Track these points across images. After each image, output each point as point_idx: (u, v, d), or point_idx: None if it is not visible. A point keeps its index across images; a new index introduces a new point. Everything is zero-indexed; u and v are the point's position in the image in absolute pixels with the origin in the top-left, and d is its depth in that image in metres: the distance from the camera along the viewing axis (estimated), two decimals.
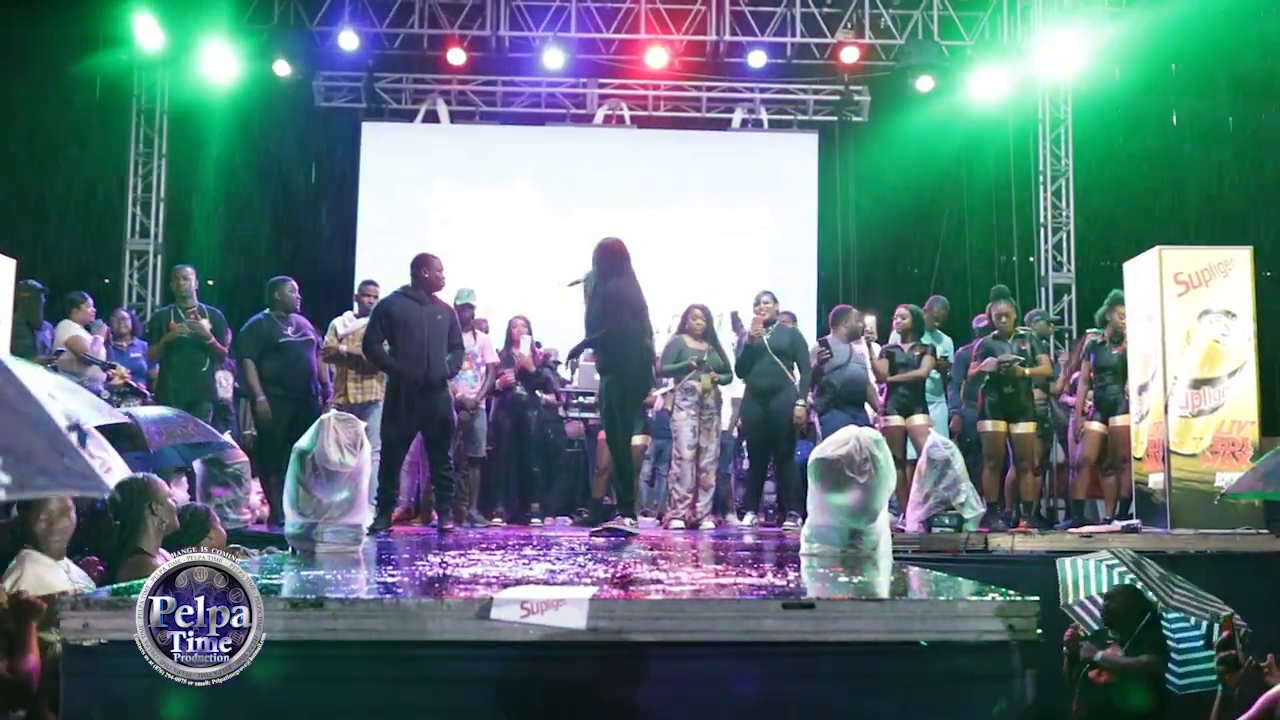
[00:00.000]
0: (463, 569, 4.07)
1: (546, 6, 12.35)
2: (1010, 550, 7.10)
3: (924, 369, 8.62)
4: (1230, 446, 7.73)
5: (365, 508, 5.43)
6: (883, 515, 4.75)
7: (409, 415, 7.32)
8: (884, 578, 3.95)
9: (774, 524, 8.44)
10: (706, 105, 13.74)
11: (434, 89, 13.55)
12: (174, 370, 8.48)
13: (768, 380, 8.43)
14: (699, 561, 4.88)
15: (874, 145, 13.36)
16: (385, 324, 7.38)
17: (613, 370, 7.32)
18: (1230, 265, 7.88)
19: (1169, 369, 7.80)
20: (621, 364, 7.27)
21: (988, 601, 2.91)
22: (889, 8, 12.49)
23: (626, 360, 7.27)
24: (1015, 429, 8.22)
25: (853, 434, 4.75)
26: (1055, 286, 12.73)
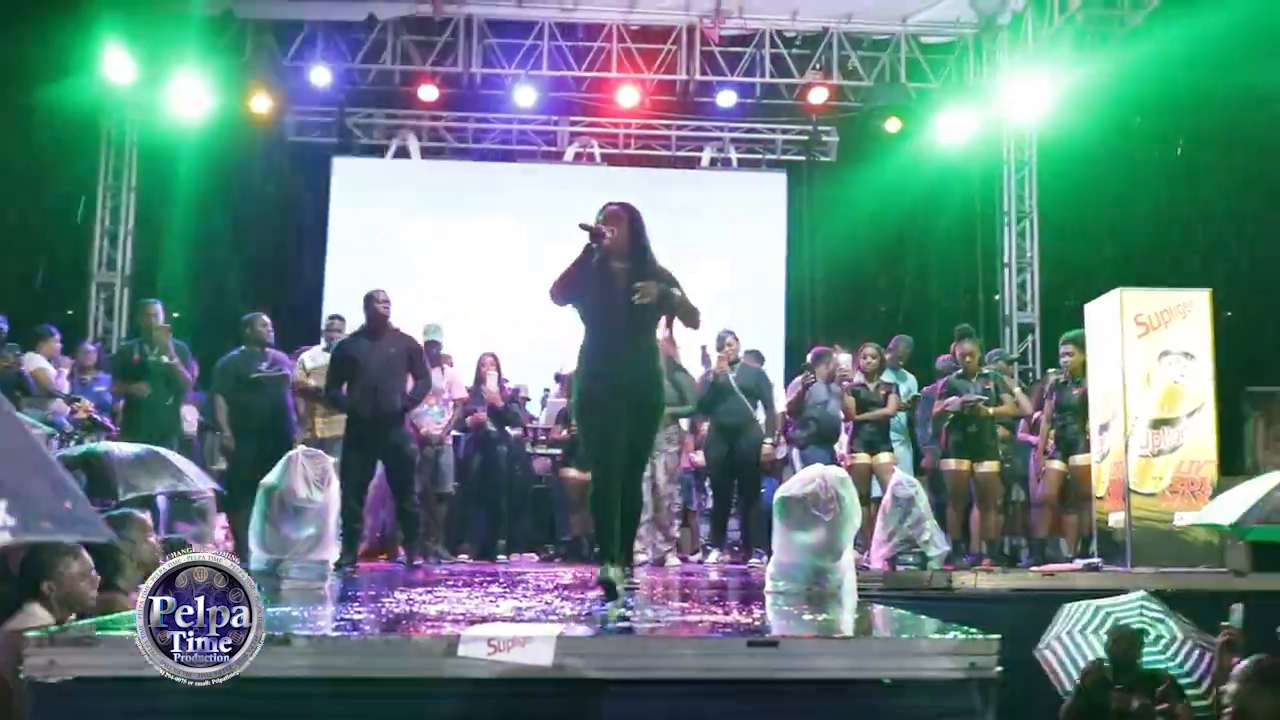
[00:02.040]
0: (429, 606, 4.08)
1: (518, 44, 12.44)
2: (974, 588, 7.15)
3: (890, 407, 8.72)
4: (1190, 486, 7.84)
5: (332, 544, 5.43)
6: (847, 553, 4.79)
7: (364, 449, 7.39)
8: (848, 616, 3.99)
9: (740, 561, 8.47)
10: (676, 144, 13.86)
11: (406, 124, 13.60)
12: (139, 404, 8.44)
13: (733, 419, 8.50)
14: (665, 599, 4.90)
15: (842, 185, 13.49)
16: (340, 367, 7.53)
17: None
18: (1189, 307, 8.02)
19: (1129, 409, 7.91)
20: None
21: (948, 640, 2.95)
22: (857, 50, 12.65)
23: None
24: (979, 468, 8.31)
25: (818, 472, 4.80)
26: (1019, 326, 12.87)
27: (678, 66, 12.60)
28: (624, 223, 5.08)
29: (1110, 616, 5.95)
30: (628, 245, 5.06)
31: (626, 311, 4.93)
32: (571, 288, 5.04)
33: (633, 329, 5.04)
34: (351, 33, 12.38)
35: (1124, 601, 6.14)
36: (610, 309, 4.99)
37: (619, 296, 4.94)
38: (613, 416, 4.98)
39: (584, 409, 5.12)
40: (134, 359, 8.47)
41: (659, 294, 4.93)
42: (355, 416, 7.44)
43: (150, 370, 8.38)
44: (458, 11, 12.28)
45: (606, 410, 4.99)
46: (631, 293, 4.86)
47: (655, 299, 4.91)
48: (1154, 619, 5.95)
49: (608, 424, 5.00)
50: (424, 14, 12.29)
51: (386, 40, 12.44)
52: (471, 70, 12.45)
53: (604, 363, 5.05)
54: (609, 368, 5.02)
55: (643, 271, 5.05)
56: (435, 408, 8.68)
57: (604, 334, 5.07)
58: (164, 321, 8.72)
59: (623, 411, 4.99)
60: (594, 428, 5.11)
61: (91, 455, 6.48)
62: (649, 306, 4.96)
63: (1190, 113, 11.70)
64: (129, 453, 6.45)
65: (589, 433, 5.18)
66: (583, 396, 5.12)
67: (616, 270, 5.05)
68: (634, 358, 5.06)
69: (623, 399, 5.00)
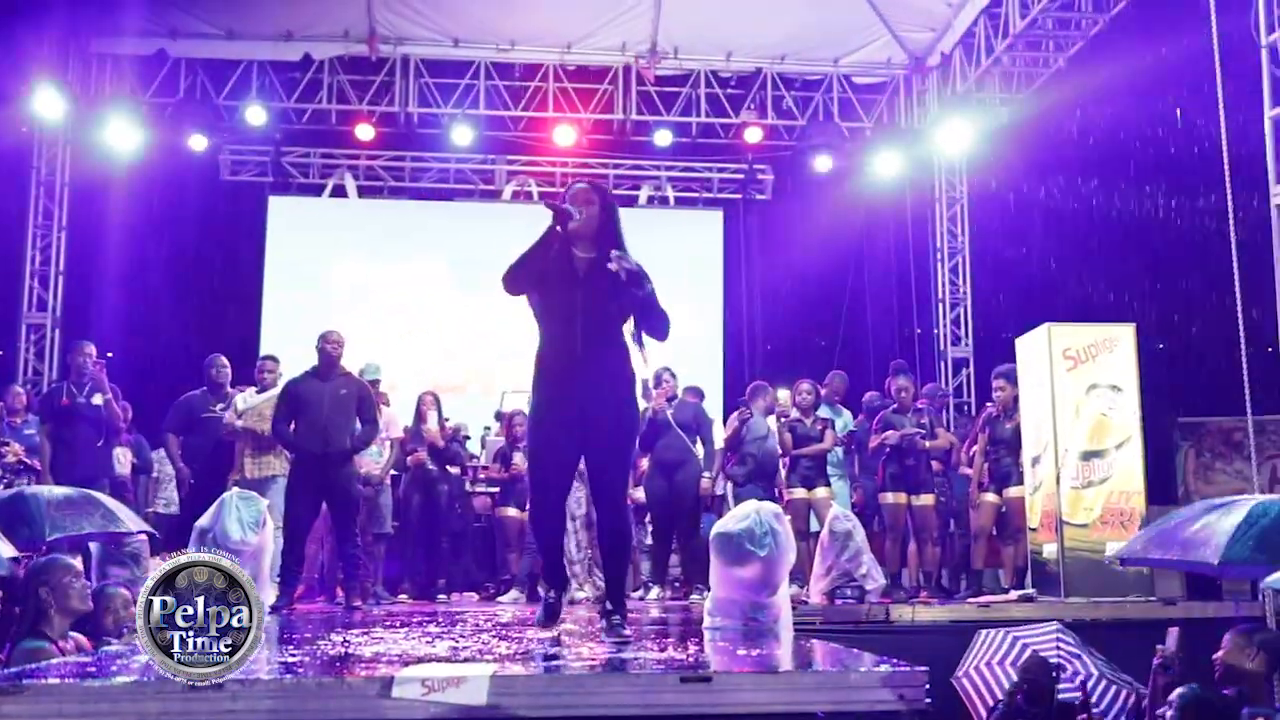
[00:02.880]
0: (365, 647, 4.06)
1: (455, 84, 12.47)
2: (912, 621, 7.24)
3: (827, 442, 8.80)
4: (1119, 516, 8.01)
5: (268, 586, 5.39)
6: (783, 588, 4.83)
7: (310, 490, 7.33)
8: (783, 650, 4.03)
9: (680, 597, 8.49)
10: (614, 182, 13.92)
11: (342, 164, 13.58)
12: (68, 446, 8.32)
13: (672, 454, 8.55)
14: (602, 636, 4.90)
15: (777, 222, 13.69)
16: (287, 404, 7.48)
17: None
18: (1115, 342, 8.22)
19: (1060, 441, 8.07)
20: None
21: (878, 672, 2.99)
22: (790, 90, 12.84)
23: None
24: (915, 501, 8.41)
25: (753, 508, 4.84)
26: (954, 360, 13.05)
27: (614, 106, 12.71)
28: (594, 205, 4.43)
29: (1027, 648, 6.06)
30: (596, 232, 4.40)
31: (591, 309, 4.31)
32: (526, 274, 4.36)
33: (597, 328, 4.34)
34: (287, 71, 12.35)
35: (1040, 632, 6.26)
36: (571, 305, 4.32)
37: (583, 291, 4.32)
38: (566, 430, 4.33)
39: (538, 421, 4.48)
40: (62, 400, 8.36)
41: (636, 272, 4.27)
42: (302, 456, 7.38)
43: (80, 412, 8.28)
44: (394, 51, 12.31)
45: (560, 423, 4.33)
46: (599, 282, 4.27)
47: (631, 272, 4.25)
48: (1070, 654, 6.07)
49: (559, 436, 4.34)
50: (360, 53, 12.31)
51: (323, 79, 12.41)
52: (408, 109, 12.46)
53: (563, 368, 4.35)
54: (569, 374, 4.33)
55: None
56: (374, 447, 8.63)
57: (563, 334, 4.35)
58: (96, 361, 8.63)
59: (577, 426, 4.32)
60: (543, 439, 4.44)
61: (17, 498, 6.36)
62: (617, 304, 4.34)
63: (1113, 149, 12.02)
64: (58, 495, 6.33)
65: (537, 445, 4.50)
66: (538, 408, 4.48)
67: (581, 261, 4.40)
68: (599, 362, 4.34)
69: (583, 412, 4.31)
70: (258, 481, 7.89)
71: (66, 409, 8.31)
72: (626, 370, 4.44)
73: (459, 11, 12.03)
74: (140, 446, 9.63)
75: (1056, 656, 5.95)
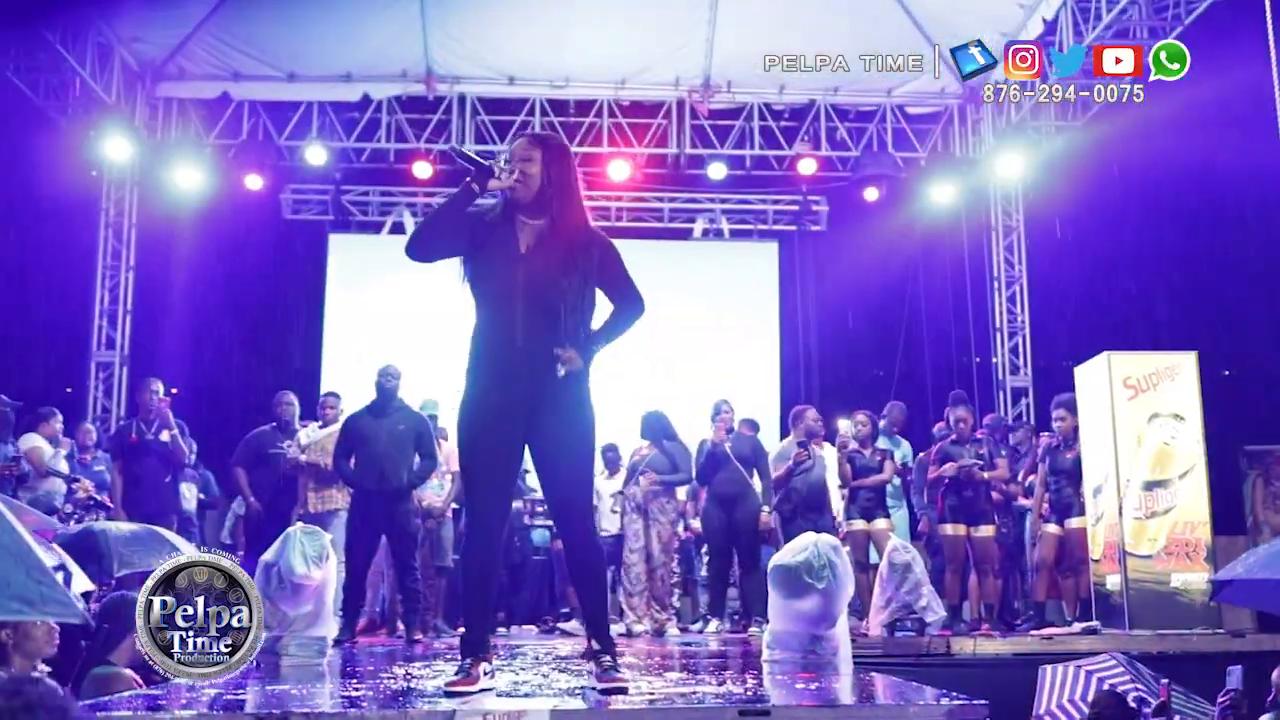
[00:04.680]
0: (427, 680, 4.11)
1: (510, 121, 12.63)
2: (973, 654, 7.17)
3: (886, 473, 8.76)
4: (1184, 547, 7.90)
5: (330, 620, 5.46)
6: (842, 620, 4.83)
7: (370, 525, 7.44)
8: (842, 683, 4.02)
9: (739, 630, 8.47)
10: (669, 216, 14.04)
11: (400, 201, 13.77)
12: (137, 482, 8.50)
13: (731, 488, 8.54)
14: (661, 669, 4.92)
15: (832, 253, 13.68)
16: (347, 439, 7.61)
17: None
18: (1177, 370, 8.13)
19: (1121, 471, 7.98)
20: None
21: (940, 706, 2.99)
22: (844, 121, 12.87)
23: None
24: (975, 532, 8.34)
25: (811, 540, 4.85)
26: (1012, 389, 12.94)
27: (669, 140, 12.81)
28: (532, 163, 3.69)
29: (1102, 682, 5.97)
30: (538, 194, 3.69)
31: (533, 291, 3.60)
32: (432, 234, 3.74)
33: (542, 313, 3.60)
34: (346, 111, 12.60)
35: (1105, 664, 6.15)
36: (510, 285, 3.63)
37: (524, 269, 3.63)
38: (503, 429, 3.61)
39: (472, 430, 3.69)
40: (131, 437, 8.55)
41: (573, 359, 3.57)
42: (361, 491, 7.50)
43: (148, 448, 8.47)
44: (451, 90, 12.51)
45: (497, 432, 3.61)
46: (550, 287, 3.56)
47: (577, 367, 3.56)
48: (1142, 683, 5.96)
49: (496, 451, 3.63)
50: (417, 93, 12.53)
51: (381, 119, 12.64)
52: (464, 148, 12.61)
53: (501, 360, 3.63)
54: (508, 368, 3.61)
55: (563, 233, 3.66)
56: (435, 481, 8.72)
57: (501, 320, 3.65)
58: (163, 398, 8.82)
59: (519, 428, 3.62)
60: (478, 455, 3.66)
61: (88, 534, 6.51)
62: (567, 284, 3.60)
63: (1172, 175, 11.90)
64: (125, 531, 6.49)
65: (471, 462, 3.69)
66: (471, 414, 3.70)
67: (525, 231, 3.71)
68: (545, 353, 3.58)
69: (529, 413, 3.60)
70: (320, 515, 8.00)
71: (135, 445, 8.50)
72: (587, 366, 3.68)
73: (514, 50, 12.20)
74: (206, 482, 9.82)
75: (1132, 688, 5.86)
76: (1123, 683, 5.94)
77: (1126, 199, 12.32)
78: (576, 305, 3.64)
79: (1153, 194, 12.26)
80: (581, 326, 3.66)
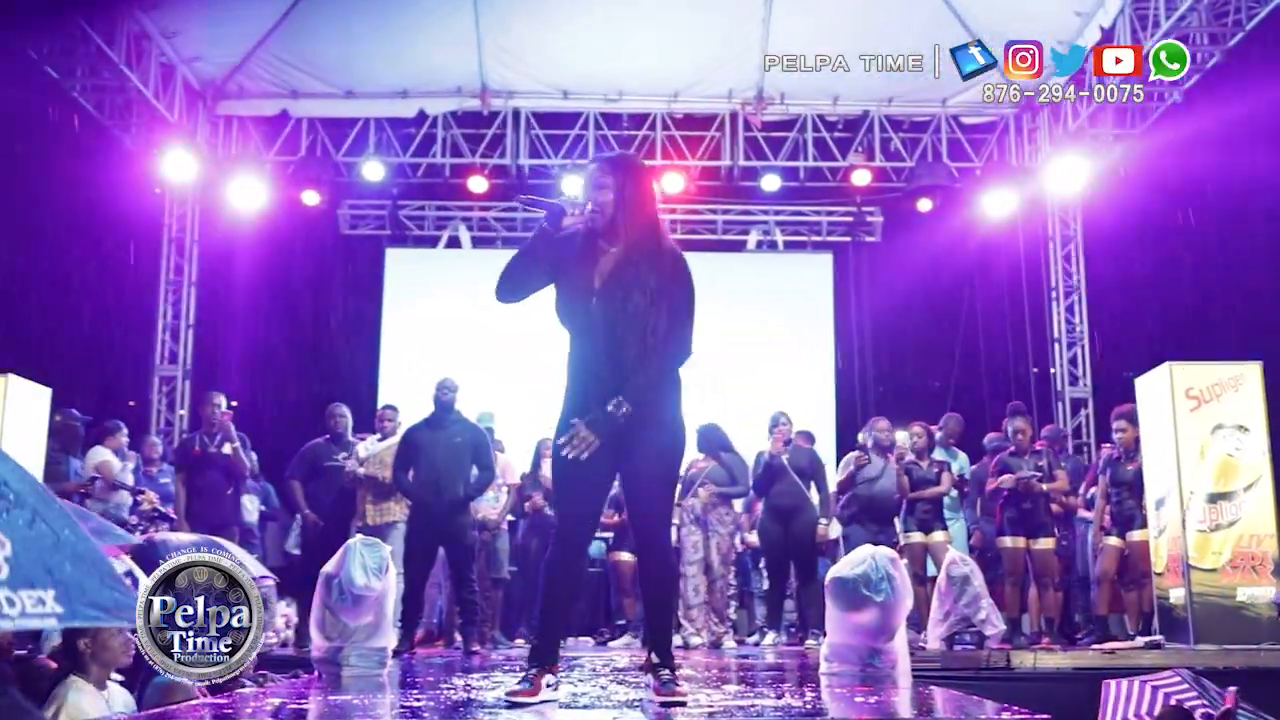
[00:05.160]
0: (486, 692, 4.13)
1: (564, 135, 12.71)
2: (1033, 667, 7.08)
3: (944, 485, 8.70)
4: (1250, 561, 7.75)
5: (390, 631, 5.51)
6: (901, 633, 4.80)
7: (427, 537, 7.51)
8: (901, 697, 4.00)
9: (795, 643, 8.44)
10: (722, 228, 14.05)
11: (456, 216, 13.90)
12: (200, 494, 8.63)
13: (788, 500, 8.53)
14: (719, 682, 4.91)
15: (887, 264, 13.61)
16: (405, 451, 7.66)
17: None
18: (1241, 380, 7.98)
19: (1184, 484, 7.86)
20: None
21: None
22: (898, 132, 12.81)
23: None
24: (1035, 545, 8.25)
25: (869, 553, 4.83)
26: (1071, 400, 12.80)
27: (722, 152, 12.81)
28: (607, 191, 3.72)
29: (1168, 697, 5.87)
30: (614, 219, 3.72)
31: (610, 321, 3.65)
32: (524, 277, 3.79)
33: (624, 345, 3.66)
34: (403, 127, 12.74)
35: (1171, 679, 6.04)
36: (587, 316, 3.70)
37: (599, 300, 3.68)
38: (595, 465, 3.65)
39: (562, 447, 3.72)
40: (195, 450, 8.68)
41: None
42: (419, 503, 7.57)
43: (211, 461, 8.59)
44: (505, 105, 12.60)
45: (590, 457, 3.63)
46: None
47: (590, 450, 3.59)
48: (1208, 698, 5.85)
49: (587, 474, 3.68)
50: (473, 108, 12.63)
51: (437, 134, 12.77)
52: (519, 161, 12.73)
53: (592, 392, 3.68)
54: (598, 399, 3.65)
55: (634, 258, 3.67)
56: (490, 493, 8.78)
57: (584, 350, 3.75)
58: (225, 411, 8.94)
59: (610, 460, 3.69)
60: (570, 477, 3.73)
61: (150, 545, 6.61)
62: (638, 303, 3.62)
63: (1234, 183, 11.72)
64: (186, 542, 6.57)
65: (563, 483, 3.82)
66: (563, 432, 3.74)
67: (604, 257, 3.74)
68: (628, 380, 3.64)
69: (615, 441, 3.65)
70: (379, 528, 8.07)
71: (199, 458, 8.62)
72: (665, 385, 3.77)
73: (568, 64, 12.27)
74: (267, 494, 9.95)
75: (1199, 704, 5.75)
76: (1189, 698, 5.84)
77: (1187, 207, 12.13)
78: (652, 330, 3.66)
79: (1214, 202, 12.07)
80: (661, 347, 3.69)
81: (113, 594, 1.86)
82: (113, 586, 1.88)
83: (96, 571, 1.88)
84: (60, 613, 1.75)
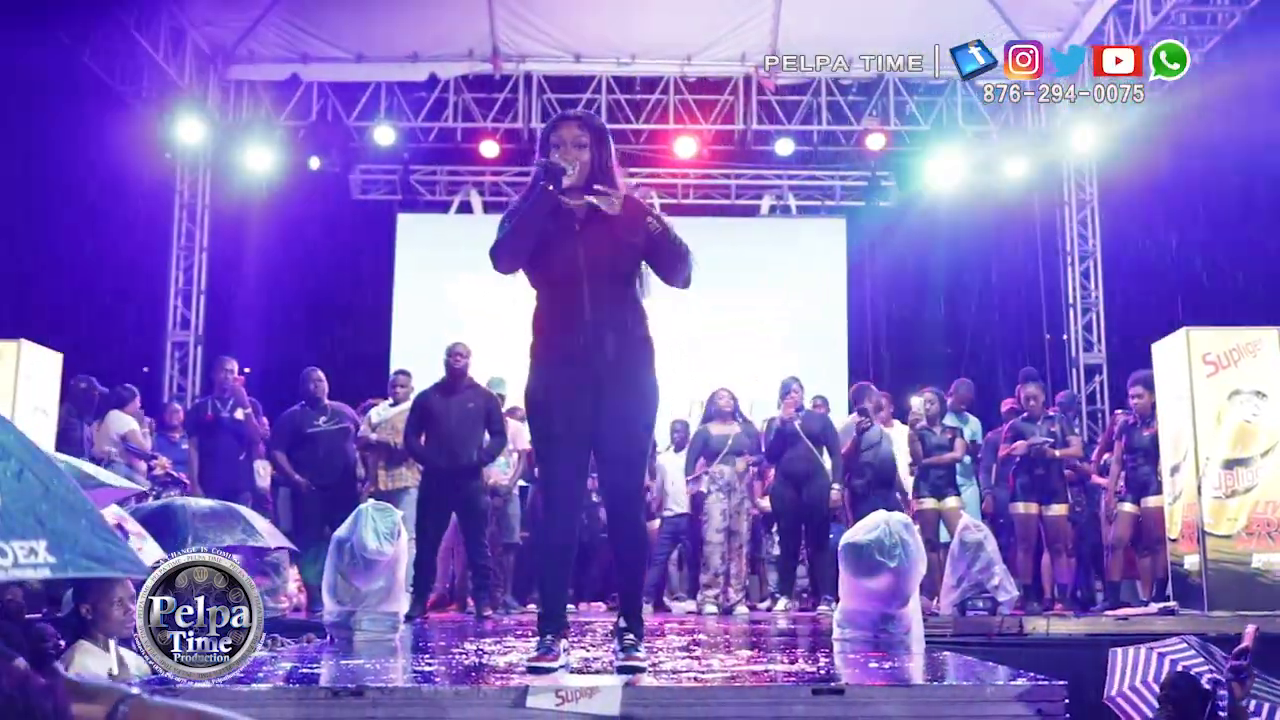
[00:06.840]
0: (498, 656, 4.13)
1: (576, 99, 12.62)
2: (1046, 633, 7.06)
3: (957, 451, 8.67)
4: (1266, 527, 7.69)
5: (402, 595, 5.51)
6: (914, 599, 4.77)
7: (440, 502, 7.51)
8: (915, 662, 3.98)
9: (808, 608, 8.44)
10: (735, 192, 13.97)
11: (468, 180, 13.85)
12: (212, 459, 8.63)
13: (801, 465, 8.51)
14: (731, 647, 4.91)
15: (901, 229, 13.52)
16: (417, 417, 7.65)
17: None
18: (1259, 346, 7.90)
19: (1200, 450, 7.80)
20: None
21: (1015, 686, 2.95)
22: (913, 95, 12.70)
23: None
24: (1048, 511, 8.23)
25: (882, 518, 4.80)
26: (1086, 367, 12.74)
27: (735, 116, 12.73)
28: (584, 149, 3.69)
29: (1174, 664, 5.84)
30: (590, 177, 3.67)
31: (595, 265, 3.63)
32: (523, 248, 3.66)
33: (605, 285, 3.65)
34: (414, 91, 12.67)
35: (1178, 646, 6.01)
36: (572, 263, 3.64)
37: (583, 245, 3.65)
38: (579, 418, 3.63)
39: (541, 408, 3.74)
40: (207, 415, 8.68)
41: (643, 211, 3.65)
42: (431, 468, 7.57)
43: (223, 426, 8.59)
44: (517, 69, 12.53)
45: (569, 410, 3.62)
46: (591, 207, 3.59)
47: (620, 209, 3.57)
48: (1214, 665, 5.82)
49: (571, 428, 3.64)
50: (484, 72, 12.56)
51: (448, 98, 12.70)
52: (531, 125, 12.65)
53: (570, 336, 3.65)
54: (578, 341, 3.63)
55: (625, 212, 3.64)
56: (501, 459, 8.77)
57: (566, 297, 3.67)
58: (237, 376, 8.93)
59: (592, 412, 3.63)
60: (550, 435, 3.71)
61: (166, 509, 6.63)
62: (624, 252, 3.64)
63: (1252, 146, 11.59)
64: (203, 507, 6.58)
65: (543, 442, 3.78)
66: (545, 393, 3.72)
67: (576, 209, 3.70)
68: (611, 325, 3.64)
69: (593, 392, 3.62)
70: (390, 493, 8.07)
71: (211, 423, 8.62)
72: (642, 332, 3.73)
73: (580, 27, 12.19)
74: None
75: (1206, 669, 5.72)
76: (1196, 665, 5.81)
77: (1205, 170, 12.01)
78: (635, 271, 3.71)
79: (1231, 165, 11.94)
80: (643, 293, 3.76)
81: (105, 544, 1.83)
82: (104, 537, 1.86)
83: (86, 519, 1.86)
84: (53, 563, 1.73)
